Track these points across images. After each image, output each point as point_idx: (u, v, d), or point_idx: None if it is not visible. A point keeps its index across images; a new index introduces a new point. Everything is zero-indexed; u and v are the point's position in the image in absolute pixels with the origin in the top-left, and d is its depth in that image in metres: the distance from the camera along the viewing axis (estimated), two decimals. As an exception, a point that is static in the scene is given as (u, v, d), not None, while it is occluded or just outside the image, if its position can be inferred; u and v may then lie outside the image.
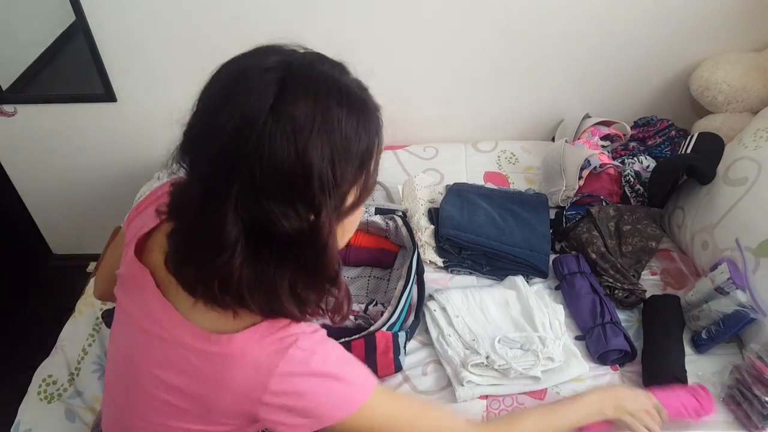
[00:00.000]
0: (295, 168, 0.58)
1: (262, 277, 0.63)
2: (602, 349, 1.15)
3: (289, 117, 0.58)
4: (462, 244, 1.36)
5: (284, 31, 1.81)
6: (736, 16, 1.58)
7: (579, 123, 1.72)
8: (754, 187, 1.19)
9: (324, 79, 0.62)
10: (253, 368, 0.67)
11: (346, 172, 0.61)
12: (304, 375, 0.68)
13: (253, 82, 0.59)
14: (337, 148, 0.60)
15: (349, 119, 0.61)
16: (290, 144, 0.57)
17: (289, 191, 0.59)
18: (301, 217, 0.60)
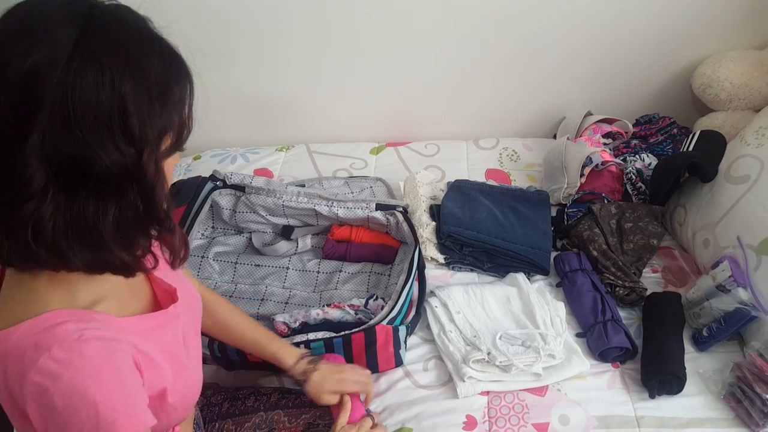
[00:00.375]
0: (112, 100, 0.56)
1: (82, 223, 0.59)
2: (603, 346, 1.15)
3: (103, 50, 0.57)
4: (463, 240, 1.36)
5: (280, 30, 1.82)
6: (738, 13, 1.57)
7: (581, 120, 1.72)
8: (756, 185, 1.19)
9: (135, 23, 0.61)
10: (13, 372, 0.61)
11: (162, 113, 0.61)
12: (50, 391, 0.59)
13: (54, 15, 0.57)
14: (152, 87, 0.59)
15: (160, 63, 0.61)
16: (105, 76, 0.56)
17: (107, 123, 0.57)
18: (122, 152, 0.58)
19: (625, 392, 1.11)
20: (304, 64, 1.73)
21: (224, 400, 1.07)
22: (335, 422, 0.94)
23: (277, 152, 1.81)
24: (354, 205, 1.41)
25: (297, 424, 1.00)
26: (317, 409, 1.02)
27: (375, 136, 1.85)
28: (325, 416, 1.01)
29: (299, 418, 1.01)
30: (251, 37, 1.66)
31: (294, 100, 1.81)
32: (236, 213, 1.44)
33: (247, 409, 1.05)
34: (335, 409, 0.98)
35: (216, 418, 1.04)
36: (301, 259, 1.45)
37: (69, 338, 0.61)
